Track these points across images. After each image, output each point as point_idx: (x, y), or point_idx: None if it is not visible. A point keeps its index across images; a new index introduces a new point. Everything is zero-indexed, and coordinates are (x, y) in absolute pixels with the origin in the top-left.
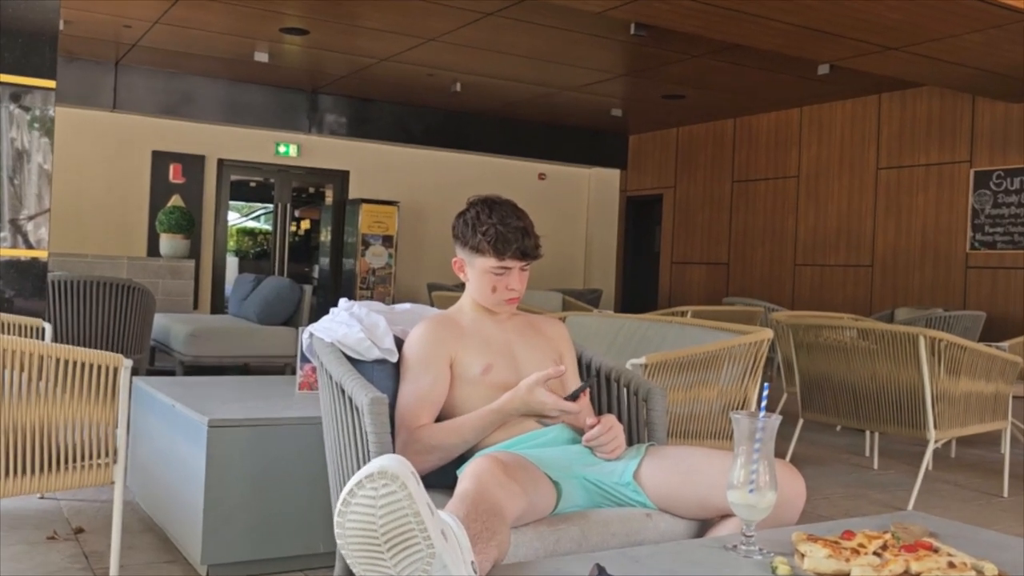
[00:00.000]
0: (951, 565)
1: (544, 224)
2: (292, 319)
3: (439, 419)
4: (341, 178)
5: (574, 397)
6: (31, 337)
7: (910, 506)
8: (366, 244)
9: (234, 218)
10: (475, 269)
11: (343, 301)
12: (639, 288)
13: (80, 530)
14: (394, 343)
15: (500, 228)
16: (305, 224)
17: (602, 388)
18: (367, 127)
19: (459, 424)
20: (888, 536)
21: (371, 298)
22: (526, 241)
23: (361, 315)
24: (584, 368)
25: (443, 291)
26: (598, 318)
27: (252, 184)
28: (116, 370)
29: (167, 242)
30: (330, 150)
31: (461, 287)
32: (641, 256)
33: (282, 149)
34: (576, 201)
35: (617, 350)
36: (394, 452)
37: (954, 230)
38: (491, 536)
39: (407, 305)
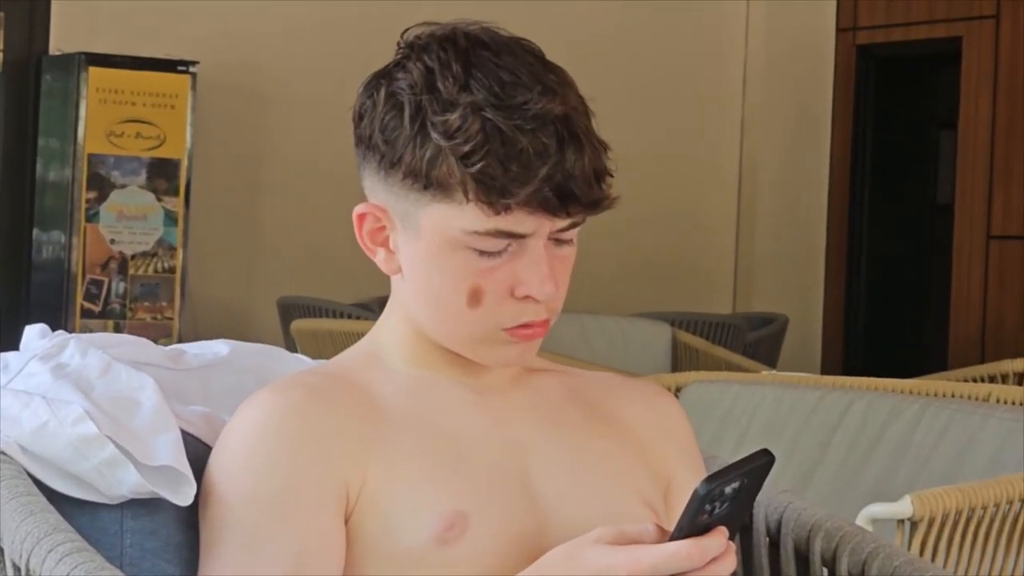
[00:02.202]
0: None
1: (623, 121)
2: None
3: None
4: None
5: (694, 524)
6: None
7: None
8: (101, 187)
9: None
10: (424, 240)
11: (35, 334)
12: (892, 308)
13: None
14: (183, 452)
15: (493, 117)
16: None
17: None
18: None
19: None
20: None
21: (118, 329)
22: (572, 158)
23: (88, 373)
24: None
25: (323, 318)
26: (775, 389)
27: None
28: None
29: None
30: None
31: (375, 306)
32: (896, 214)
33: None
34: (713, 62)
35: (833, 477)
36: None
37: None
38: None
39: (219, 348)
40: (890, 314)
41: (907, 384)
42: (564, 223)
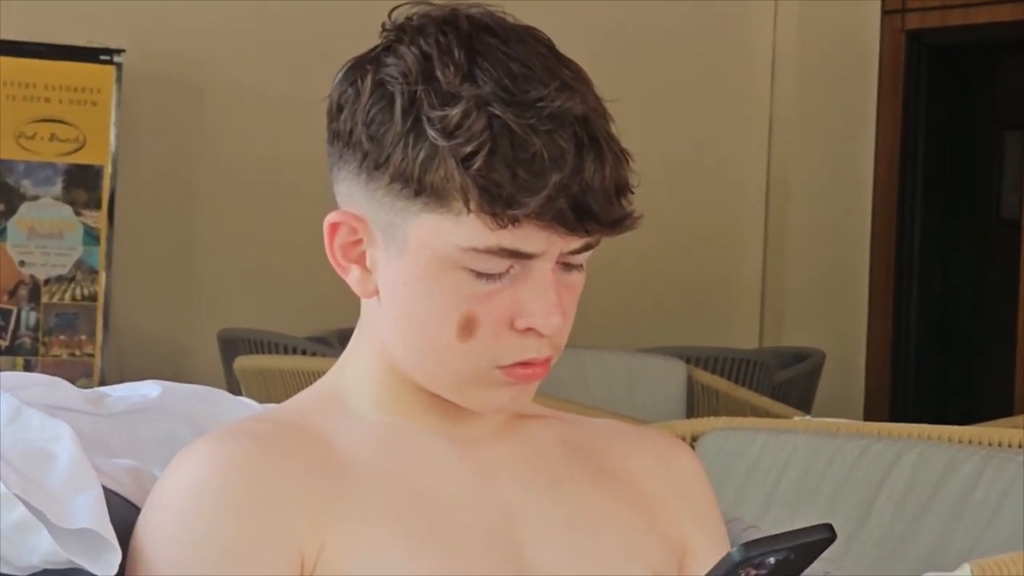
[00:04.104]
0: None
1: (628, 125)
2: None
3: None
4: None
5: None
6: None
7: None
8: (9, 199)
9: None
10: (410, 257)
11: None
12: (948, 343)
13: None
14: (105, 513)
15: (503, 113)
16: None
17: None
18: None
19: None
20: None
21: (29, 368)
22: (592, 167)
23: None
24: None
25: (272, 354)
26: (809, 438)
27: None
28: None
29: None
30: None
31: (334, 340)
32: (953, 232)
33: None
34: (735, 53)
35: (878, 542)
36: None
37: None
38: None
39: (149, 391)
40: (945, 350)
41: (966, 432)
42: (577, 244)
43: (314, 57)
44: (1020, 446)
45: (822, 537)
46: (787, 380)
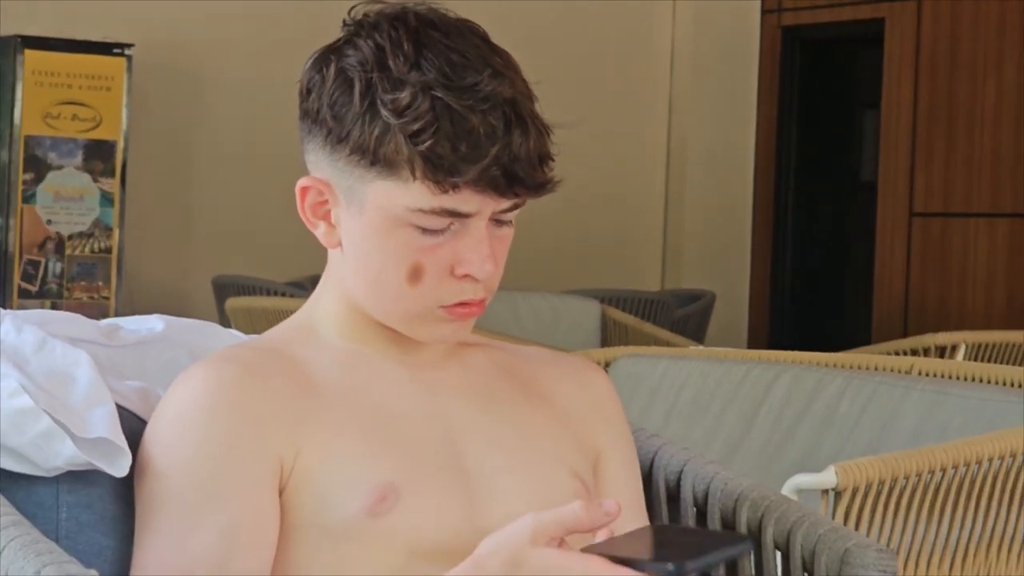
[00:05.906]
0: None
1: (552, 100)
2: None
3: None
4: None
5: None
6: None
7: None
8: (38, 168)
9: None
10: (367, 216)
11: None
12: (817, 284)
13: None
14: (118, 425)
15: (444, 96)
16: None
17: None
18: None
19: None
20: None
21: (55, 309)
22: (519, 140)
23: (23, 348)
24: (657, 490)
25: (258, 296)
26: (702, 363)
27: None
28: None
29: None
30: None
31: (308, 284)
32: (821, 192)
33: None
34: (641, 42)
35: (759, 450)
36: None
37: None
38: None
39: (154, 324)
40: (815, 290)
41: (831, 358)
42: (507, 204)
43: (295, 47)
44: (876, 369)
45: (743, 548)
46: (684, 316)
